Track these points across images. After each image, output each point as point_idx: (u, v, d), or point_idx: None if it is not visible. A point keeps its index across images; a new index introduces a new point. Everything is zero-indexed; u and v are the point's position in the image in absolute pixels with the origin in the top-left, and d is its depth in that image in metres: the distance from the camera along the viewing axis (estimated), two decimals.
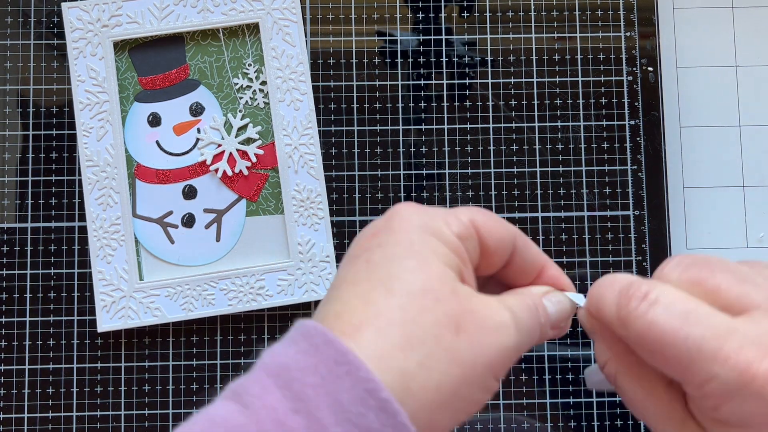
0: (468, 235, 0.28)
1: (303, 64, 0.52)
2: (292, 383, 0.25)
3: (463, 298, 0.26)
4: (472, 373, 0.26)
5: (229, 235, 0.52)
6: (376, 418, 0.24)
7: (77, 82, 0.51)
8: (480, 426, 0.51)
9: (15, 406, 0.51)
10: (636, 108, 0.54)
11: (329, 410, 0.24)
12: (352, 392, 0.24)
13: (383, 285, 0.26)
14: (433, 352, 0.25)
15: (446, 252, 0.27)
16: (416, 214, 0.28)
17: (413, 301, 0.26)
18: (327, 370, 0.25)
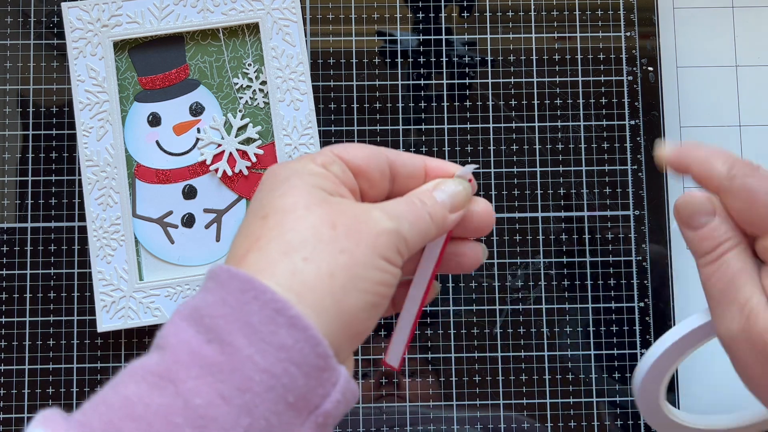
0: (331, 161, 0.31)
1: (303, 64, 0.52)
2: (203, 319, 0.26)
3: (333, 203, 0.29)
4: (358, 256, 0.28)
5: (229, 235, 0.52)
6: (287, 334, 0.26)
7: (77, 82, 0.51)
8: (480, 426, 0.51)
9: (15, 406, 0.51)
10: (636, 108, 0.53)
11: (240, 333, 0.26)
12: (261, 314, 0.26)
13: (257, 215, 0.29)
14: (315, 248, 0.28)
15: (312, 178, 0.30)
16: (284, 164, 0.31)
17: (285, 217, 0.29)
18: (234, 300, 0.26)
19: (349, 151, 0.32)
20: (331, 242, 0.28)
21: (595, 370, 0.52)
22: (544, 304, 0.52)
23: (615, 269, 0.53)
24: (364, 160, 0.32)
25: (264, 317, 0.26)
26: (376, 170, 0.32)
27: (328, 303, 0.27)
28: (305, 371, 0.26)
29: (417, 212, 0.31)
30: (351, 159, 0.32)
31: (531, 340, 0.52)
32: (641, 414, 0.51)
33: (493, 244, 0.53)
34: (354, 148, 0.32)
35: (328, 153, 0.31)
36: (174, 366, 0.26)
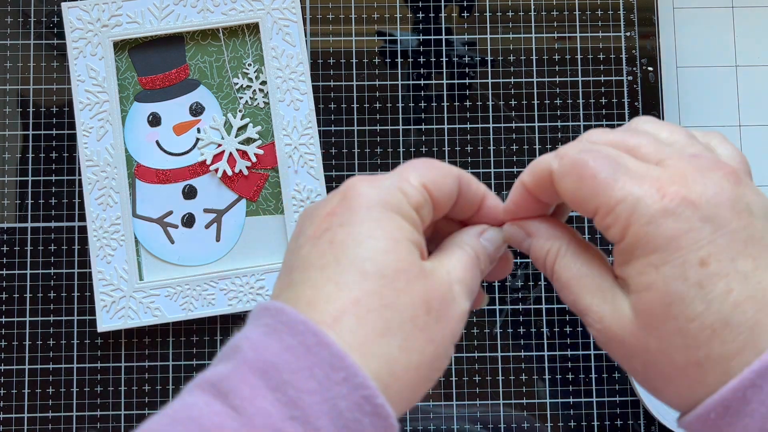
0: (424, 202, 0.28)
1: (303, 64, 0.52)
2: (286, 388, 0.24)
3: (428, 277, 0.27)
4: (442, 347, 0.27)
5: (229, 235, 0.52)
6: (370, 423, 0.24)
7: (77, 82, 0.51)
8: (480, 425, 0.51)
9: (15, 406, 0.51)
10: (636, 108, 0.53)
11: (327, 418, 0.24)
12: (350, 399, 0.24)
13: (355, 268, 0.26)
14: (411, 335, 0.26)
15: (409, 229, 0.28)
16: (373, 189, 0.28)
17: (389, 285, 0.26)
18: (324, 376, 0.24)
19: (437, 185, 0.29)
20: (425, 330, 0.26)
21: (595, 370, 0.52)
22: (544, 304, 0.52)
23: None
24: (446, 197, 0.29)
25: (351, 404, 0.24)
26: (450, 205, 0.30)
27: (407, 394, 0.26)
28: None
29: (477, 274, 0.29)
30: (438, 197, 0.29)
31: (531, 340, 0.52)
32: (640, 394, 0.51)
33: None
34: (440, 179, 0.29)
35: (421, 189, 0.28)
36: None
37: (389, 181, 0.28)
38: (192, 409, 0.24)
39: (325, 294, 0.26)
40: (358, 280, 0.26)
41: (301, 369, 0.24)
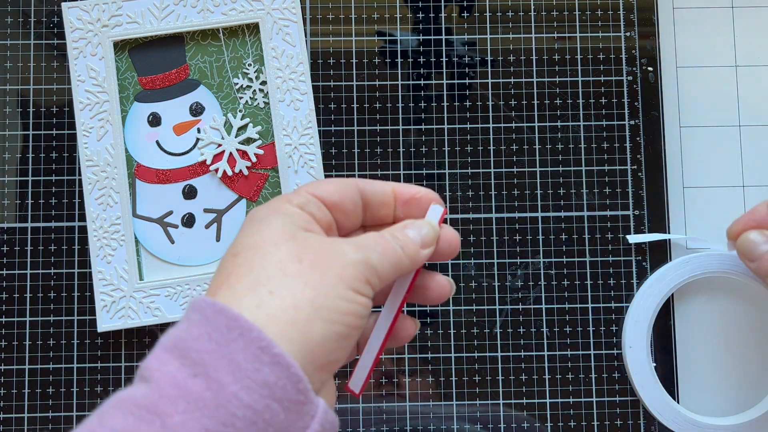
0: (307, 201, 0.33)
1: (303, 64, 0.52)
2: (189, 352, 0.27)
3: (301, 239, 0.31)
4: (323, 287, 0.29)
5: (229, 235, 0.52)
6: (271, 371, 0.27)
7: (77, 82, 0.51)
8: (480, 425, 0.51)
9: (15, 406, 0.51)
10: (636, 108, 0.53)
11: (226, 370, 0.27)
12: (247, 351, 0.27)
13: (230, 253, 0.31)
14: (281, 281, 0.29)
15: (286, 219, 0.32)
16: (262, 207, 0.33)
17: (254, 253, 0.30)
18: (220, 336, 0.27)
19: (322, 188, 0.33)
20: (297, 275, 0.29)
21: (595, 369, 0.52)
22: (544, 304, 0.52)
23: (615, 269, 0.53)
24: (337, 194, 0.33)
25: (249, 355, 0.27)
26: (350, 202, 0.34)
27: (293, 334, 0.28)
28: (285, 406, 0.27)
29: (387, 244, 0.32)
30: (325, 196, 0.33)
31: (531, 340, 0.52)
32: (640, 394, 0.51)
33: (493, 244, 0.53)
34: (327, 183, 0.34)
35: (304, 193, 0.33)
36: (160, 400, 0.26)
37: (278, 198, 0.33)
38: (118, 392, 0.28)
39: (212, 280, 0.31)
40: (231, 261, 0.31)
41: (202, 335, 0.28)
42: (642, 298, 0.51)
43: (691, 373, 0.52)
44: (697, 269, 0.51)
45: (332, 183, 0.34)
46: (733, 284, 0.53)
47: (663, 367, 0.52)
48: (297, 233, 0.31)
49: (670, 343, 0.52)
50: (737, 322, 0.53)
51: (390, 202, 0.35)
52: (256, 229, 0.31)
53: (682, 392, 0.52)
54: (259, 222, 0.32)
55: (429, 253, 0.34)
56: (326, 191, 0.33)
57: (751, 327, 0.53)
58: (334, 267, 0.30)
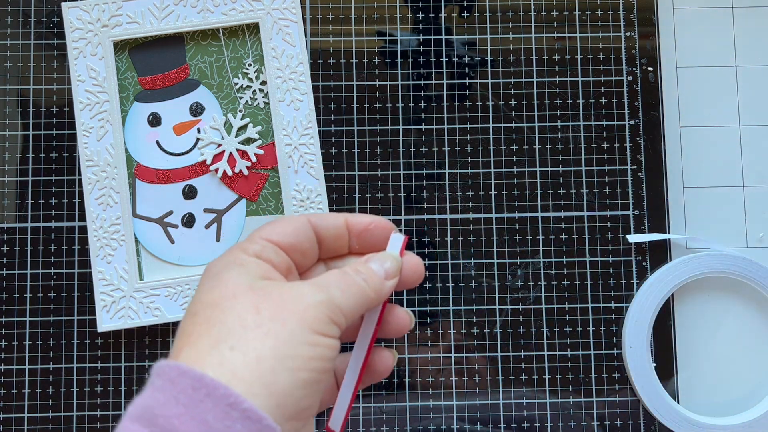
0: (263, 248, 0.32)
1: (303, 64, 0.52)
2: (157, 419, 0.26)
3: (258, 288, 0.30)
4: (285, 335, 0.29)
5: (229, 235, 0.52)
6: (243, 427, 0.26)
7: (77, 82, 0.51)
8: (480, 425, 0.51)
9: (15, 406, 0.51)
10: (636, 108, 0.54)
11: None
12: (216, 410, 0.26)
13: (189, 312, 0.30)
14: (241, 336, 0.28)
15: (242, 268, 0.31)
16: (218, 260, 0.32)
17: (213, 310, 0.30)
18: (187, 398, 0.27)
19: (277, 231, 0.33)
20: (256, 327, 0.29)
21: (595, 369, 0.52)
22: (544, 304, 0.52)
23: (615, 269, 0.53)
24: (292, 235, 0.33)
25: (219, 413, 0.26)
26: (306, 240, 0.33)
27: (258, 388, 0.27)
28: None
29: (349, 280, 0.32)
30: (281, 239, 0.33)
31: (531, 340, 0.52)
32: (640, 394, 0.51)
33: (493, 244, 0.53)
34: (280, 226, 0.33)
35: (258, 240, 0.32)
36: None
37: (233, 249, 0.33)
38: None
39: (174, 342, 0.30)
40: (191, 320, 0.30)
41: (168, 400, 0.27)
42: (642, 298, 0.51)
43: (691, 373, 0.52)
44: (697, 269, 0.51)
45: (285, 224, 0.33)
46: (733, 284, 0.53)
47: (663, 367, 0.52)
48: (254, 283, 0.30)
49: (670, 343, 0.52)
50: (737, 322, 0.53)
51: (344, 234, 0.35)
52: (212, 285, 0.31)
53: (682, 392, 0.52)
54: (214, 277, 0.31)
55: (394, 284, 0.34)
56: (281, 234, 0.33)
57: (751, 327, 0.53)
58: (294, 312, 0.29)
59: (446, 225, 0.53)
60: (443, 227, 0.53)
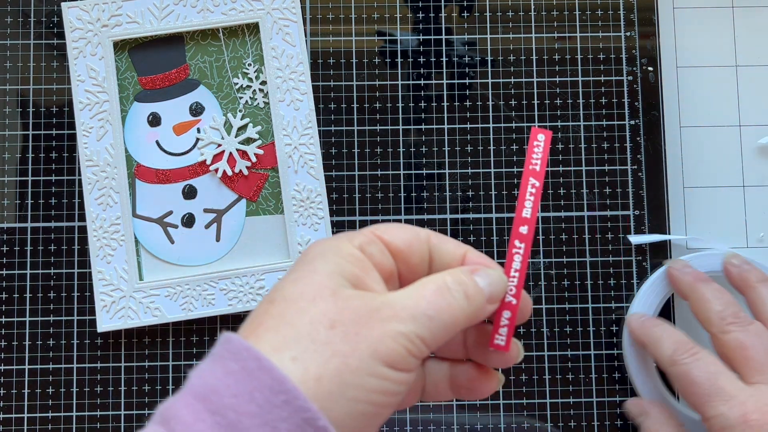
0: (369, 242, 0.30)
1: (303, 64, 0.52)
2: (226, 411, 0.25)
3: (342, 298, 0.28)
4: (353, 361, 0.26)
5: (229, 235, 0.52)
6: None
7: (77, 82, 0.51)
8: (480, 426, 0.51)
9: (15, 406, 0.51)
10: (636, 108, 0.53)
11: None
12: (290, 421, 0.25)
13: (268, 298, 0.29)
14: (307, 348, 0.26)
15: (339, 262, 0.29)
16: (320, 242, 0.30)
17: (288, 307, 0.28)
18: (263, 399, 0.25)
19: (391, 232, 0.31)
20: (325, 343, 0.26)
21: (595, 370, 0.52)
22: (544, 304, 0.52)
23: (615, 269, 0.52)
24: (405, 242, 0.31)
25: (293, 425, 0.25)
26: (416, 255, 0.31)
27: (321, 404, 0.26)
28: None
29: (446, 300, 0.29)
30: (391, 240, 0.31)
31: (531, 340, 0.52)
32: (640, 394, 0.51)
33: (493, 244, 0.53)
34: (396, 229, 0.31)
35: (369, 233, 0.31)
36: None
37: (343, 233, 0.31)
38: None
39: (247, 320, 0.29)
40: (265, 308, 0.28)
41: (242, 393, 0.25)
42: (642, 298, 0.51)
43: None
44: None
45: (402, 229, 0.31)
46: None
47: None
48: (339, 290, 0.28)
49: None
50: None
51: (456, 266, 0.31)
52: (299, 276, 0.29)
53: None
54: (306, 264, 0.29)
55: (492, 310, 0.31)
56: (393, 236, 0.31)
57: None
58: (369, 337, 0.27)
59: (446, 225, 0.53)
60: (443, 227, 0.53)
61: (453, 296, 0.29)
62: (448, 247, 0.32)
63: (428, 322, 0.28)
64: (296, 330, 0.27)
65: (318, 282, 0.28)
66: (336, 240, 0.30)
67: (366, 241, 0.30)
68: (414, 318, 0.28)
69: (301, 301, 0.28)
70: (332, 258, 0.29)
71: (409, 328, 0.27)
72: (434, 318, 0.28)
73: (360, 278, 0.29)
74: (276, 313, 0.28)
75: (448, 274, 0.30)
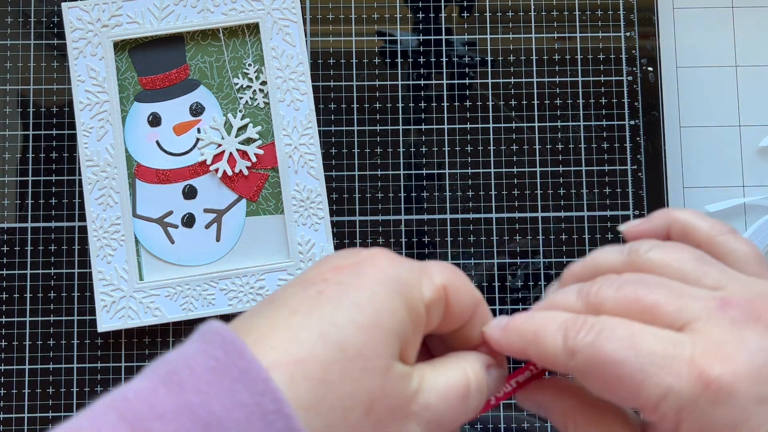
0: (437, 301, 0.26)
1: (303, 64, 0.52)
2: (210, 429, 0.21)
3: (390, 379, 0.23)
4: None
5: (229, 235, 0.52)
6: None
7: (77, 82, 0.51)
8: (480, 426, 0.51)
9: (15, 406, 0.51)
10: (636, 108, 0.54)
11: None
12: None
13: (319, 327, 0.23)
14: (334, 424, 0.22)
15: (404, 318, 0.24)
16: (391, 267, 0.25)
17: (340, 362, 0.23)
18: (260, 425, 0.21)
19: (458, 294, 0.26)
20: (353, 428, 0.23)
21: None
22: None
23: None
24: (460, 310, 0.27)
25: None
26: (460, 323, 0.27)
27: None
28: None
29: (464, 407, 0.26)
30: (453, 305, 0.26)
31: None
32: None
33: (493, 244, 0.53)
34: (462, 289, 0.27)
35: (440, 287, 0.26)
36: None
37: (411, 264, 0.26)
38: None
39: (275, 338, 0.23)
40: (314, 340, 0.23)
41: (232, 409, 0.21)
42: None
43: None
44: None
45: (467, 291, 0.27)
46: None
47: None
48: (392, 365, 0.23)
49: None
50: None
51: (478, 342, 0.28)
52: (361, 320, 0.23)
53: None
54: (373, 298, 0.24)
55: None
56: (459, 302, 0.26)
57: None
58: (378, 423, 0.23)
59: (446, 225, 0.53)
60: (443, 227, 0.53)
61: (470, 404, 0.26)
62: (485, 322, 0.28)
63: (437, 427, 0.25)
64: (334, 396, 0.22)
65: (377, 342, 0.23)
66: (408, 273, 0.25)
67: (436, 300, 0.25)
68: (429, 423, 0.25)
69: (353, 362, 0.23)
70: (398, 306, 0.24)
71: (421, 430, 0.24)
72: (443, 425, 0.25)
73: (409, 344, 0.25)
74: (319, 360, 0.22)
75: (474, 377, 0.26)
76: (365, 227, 0.53)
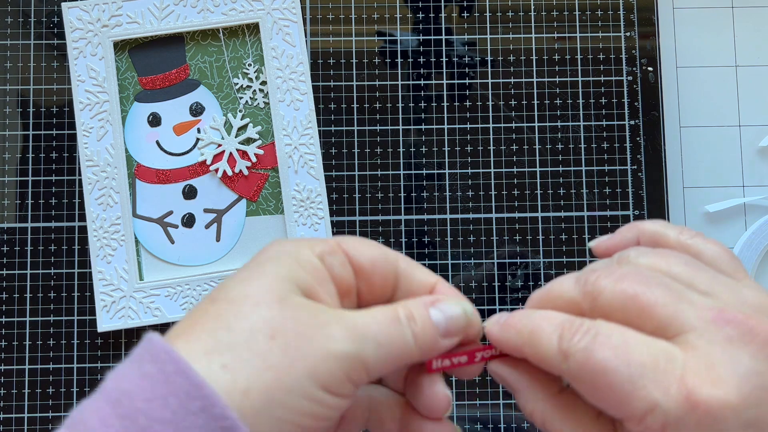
0: (331, 251, 0.28)
1: (303, 64, 0.52)
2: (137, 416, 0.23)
3: (289, 306, 0.25)
4: (287, 379, 0.24)
5: (229, 235, 0.52)
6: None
7: (77, 82, 0.51)
8: (480, 426, 0.51)
9: (15, 406, 0.51)
10: (636, 108, 0.54)
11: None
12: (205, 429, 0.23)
13: (210, 296, 0.26)
14: (240, 356, 0.24)
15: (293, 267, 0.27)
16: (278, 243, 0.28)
17: (229, 308, 0.25)
18: (178, 404, 0.23)
19: (356, 247, 0.28)
20: (262, 354, 0.24)
21: None
22: None
23: None
24: (369, 260, 0.28)
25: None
26: (380, 276, 0.29)
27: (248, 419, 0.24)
28: None
29: (396, 331, 0.27)
30: (356, 255, 0.28)
31: None
32: None
33: (493, 244, 0.53)
34: (363, 244, 0.29)
35: (333, 243, 0.28)
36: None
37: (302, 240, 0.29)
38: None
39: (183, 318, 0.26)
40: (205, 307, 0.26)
41: (156, 397, 0.23)
42: None
43: None
44: None
45: (369, 246, 0.29)
46: None
47: None
48: (288, 296, 0.26)
49: None
50: None
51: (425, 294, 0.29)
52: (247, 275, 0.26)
53: None
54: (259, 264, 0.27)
55: (451, 344, 0.28)
56: (358, 251, 0.28)
57: None
58: (310, 356, 0.25)
59: (446, 225, 0.53)
60: (443, 227, 0.53)
61: (402, 332, 0.27)
62: (418, 275, 0.29)
63: (375, 348, 0.26)
64: (233, 335, 0.25)
65: (266, 285, 0.26)
66: (295, 244, 0.28)
67: (328, 250, 0.28)
68: (363, 339, 0.26)
69: (244, 303, 0.25)
70: (287, 262, 0.27)
71: (355, 351, 0.25)
72: (383, 345, 0.26)
73: (313, 289, 0.27)
74: (215, 314, 0.25)
75: (402, 306, 0.27)
76: (365, 227, 0.53)
